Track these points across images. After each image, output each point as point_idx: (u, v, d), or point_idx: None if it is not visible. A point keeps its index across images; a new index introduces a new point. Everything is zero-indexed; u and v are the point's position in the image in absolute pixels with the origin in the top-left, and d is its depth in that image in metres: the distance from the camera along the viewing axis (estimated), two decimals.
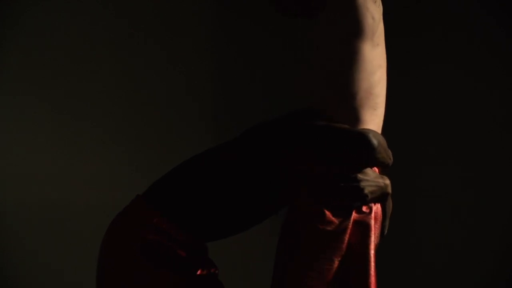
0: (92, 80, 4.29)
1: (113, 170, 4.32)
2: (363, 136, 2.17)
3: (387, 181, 2.26)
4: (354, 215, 2.18)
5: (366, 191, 2.18)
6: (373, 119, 2.29)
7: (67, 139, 4.22)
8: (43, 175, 4.13)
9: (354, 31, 2.22)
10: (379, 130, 2.31)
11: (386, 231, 2.28)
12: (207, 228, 2.28)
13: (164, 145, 4.45)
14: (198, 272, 2.28)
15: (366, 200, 2.19)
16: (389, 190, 2.25)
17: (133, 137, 4.39)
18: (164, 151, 4.43)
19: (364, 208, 2.20)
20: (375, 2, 2.26)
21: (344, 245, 2.16)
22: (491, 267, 3.68)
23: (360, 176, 2.19)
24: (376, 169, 2.26)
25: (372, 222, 2.20)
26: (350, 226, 2.16)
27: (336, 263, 2.15)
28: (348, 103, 2.23)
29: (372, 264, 2.18)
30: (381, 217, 2.25)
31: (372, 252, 2.18)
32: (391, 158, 2.24)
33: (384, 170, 2.27)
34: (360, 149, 2.17)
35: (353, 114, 2.24)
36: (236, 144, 2.37)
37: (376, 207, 2.23)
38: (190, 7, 4.57)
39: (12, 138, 4.09)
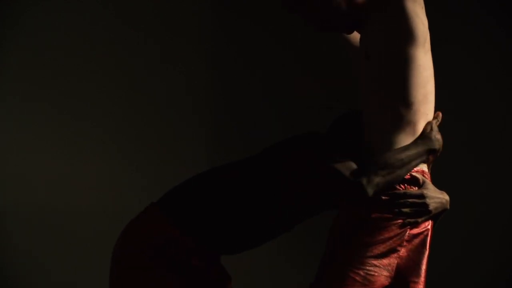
0: (92, 80, 4.29)
1: (113, 170, 4.31)
2: (359, 187, 2.16)
3: (447, 197, 2.25)
4: (410, 229, 2.18)
5: (431, 207, 2.19)
6: (427, 119, 2.26)
7: (66, 139, 4.21)
8: (41, 176, 4.12)
9: (407, 38, 2.19)
10: None
11: None
12: (220, 240, 2.28)
13: (163, 146, 4.44)
14: (210, 281, 2.29)
15: (430, 216, 2.20)
16: (448, 206, 2.25)
17: (133, 138, 4.38)
18: (164, 152, 4.42)
19: (422, 224, 2.20)
20: (423, 7, 2.22)
21: (397, 258, 2.16)
22: (491, 267, 3.68)
23: (426, 192, 2.19)
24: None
25: (428, 238, 2.20)
26: (405, 239, 2.16)
27: (386, 274, 2.16)
28: (404, 111, 2.20)
29: (423, 279, 2.19)
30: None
31: (424, 267, 2.19)
32: (441, 144, 2.23)
33: (434, 156, 2.25)
34: (355, 198, 2.18)
35: (409, 122, 2.21)
36: (254, 161, 2.35)
37: (429, 223, 2.22)
38: (190, 7, 4.57)
39: (11, 139, 4.08)
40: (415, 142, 2.18)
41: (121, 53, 4.43)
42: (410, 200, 2.17)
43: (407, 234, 2.16)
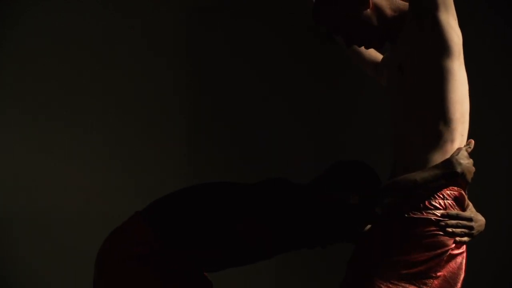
0: (89, 83, 4.29)
1: (98, 173, 4.31)
2: (351, 233, 2.19)
3: (484, 220, 2.24)
4: (451, 250, 2.16)
5: (474, 230, 2.19)
6: (462, 142, 2.21)
7: (59, 143, 4.21)
8: (36, 181, 4.11)
9: (443, 50, 2.14)
10: None
11: None
12: (200, 257, 2.28)
13: (146, 147, 4.45)
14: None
15: (472, 238, 2.19)
16: (483, 228, 2.25)
17: (126, 143, 4.38)
18: (147, 154, 4.43)
19: (462, 246, 2.19)
20: (455, 19, 2.17)
21: (435, 278, 2.13)
22: (494, 268, 3.67)
23: (473, 215, 2.18)
24: None
25: (464, 260, 2.19)
26: (444, 259, 2.14)
27: None
28: (443, 128, 2.15)
29: None
30: None
31: (459, 285, 2.18)
32: (466, 168, 2.15)
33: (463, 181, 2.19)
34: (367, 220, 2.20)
35: (445, 141, 2.16)
36: (244, 189, 2.33)
37: (465, 246, 2.21)
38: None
39: (7, 141, 4.08)
40: (435, 165, 2.13)
41: (120, 53, 4.43)
42: (461, 222, 2.15)
43: (447, 254, 2.14)
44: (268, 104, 4.89)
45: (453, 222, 2.14)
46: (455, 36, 2.15)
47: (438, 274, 2.13)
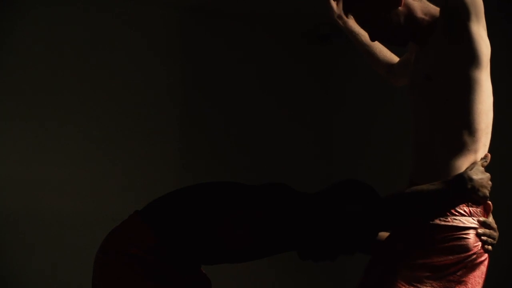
0: (83, 83, 4.31)
1: (93, 173, 4.33)
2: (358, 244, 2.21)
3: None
4: (476, 258, 2.17)
5: (495, 241, 2.22)
6: (484, 152, 2.21)
7: (53, 143, 4.23)
8: (31, 181, 4.13)
9: (472, 61, 2.15)
10: None
11: None
12: (198, 254, 2.30)
13: (139, 145, 4.47)
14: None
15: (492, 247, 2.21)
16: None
17: (121, 142, 4.40)
18: (140, 152, 4.45)
19: (485, 254, 2.20)
20: (485, 30, 2.18)
21: (457, 282, 2.15)
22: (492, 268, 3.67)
23: (496, 226, 2.20)
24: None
25: (485, 269, 2.20)
26: (469, 266, 2.16)
27: None
28: (468, 138, 2.16)
29: None
30: None
31: None
32: (478, 184, 2.15)
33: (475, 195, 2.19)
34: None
35: (469, 151, 2.17)
36: (248, 190, 2.35)
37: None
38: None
39: (6, 141, 4.09)
40: (447, 179, 2.14)
41: (120, 53, 4.45)
42: (490, 231, 2.18)
43: (470, 260, 2.15)
44: (260, 101, 4.91)
45: (486, 230, 2.17)
46: (484, 47, 2.16)
47: (462, 279, 2.15)
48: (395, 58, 2.63)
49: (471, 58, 2.14)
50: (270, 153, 4.97)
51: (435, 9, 2.25)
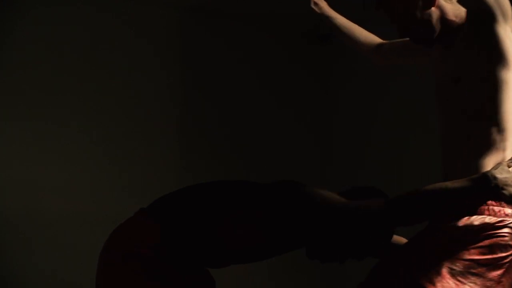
0: (82, 83, 4.30)
1: (95, 173, 4.32)
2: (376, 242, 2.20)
3: None
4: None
5: None
6: (511, 151, 2.21)
7: (53, 142, 4.22)
8: (29, 181, 4.12)
9: (500, 62, 2.16)
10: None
11: None
12: (203, 253, 2.30)
13: (139, 145, 4.46)
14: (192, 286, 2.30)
15: None
16: None
17: (121, 142, 4.40)
18: (141, 152, 4.44)
19: None
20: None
21: (496, 281, 2.14)
22: None
23: None
24: None
25: None
26: (508, 265, 2.15)
27: None
28: (497, 137, 2.17)
29: None
30: None
31: None
32: (503, 183, 2.13)
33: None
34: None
35: (498, 150, 2.18)
36: (254, 186, 2.35)
37: None
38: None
39: (6, 141, 4.08)
40: (471, 177, 2.14)
41: (119, 54, 4.45)
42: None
43: (509, 260, 2.15)
44: (260, 101, 4.90)
45: None
46: (511, 48, 2.17)
47: (502, 279, 2.14)
48: (376, 39, 2.65)
49: (499, 58, 2.15)
50: (270, 153, 4.96)
51: (465, 12, 2.25)
